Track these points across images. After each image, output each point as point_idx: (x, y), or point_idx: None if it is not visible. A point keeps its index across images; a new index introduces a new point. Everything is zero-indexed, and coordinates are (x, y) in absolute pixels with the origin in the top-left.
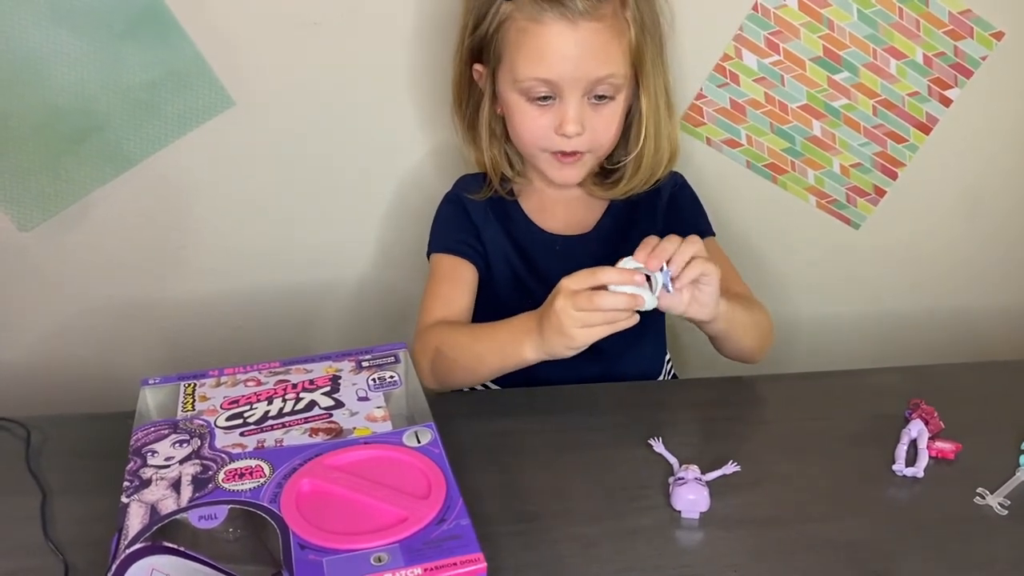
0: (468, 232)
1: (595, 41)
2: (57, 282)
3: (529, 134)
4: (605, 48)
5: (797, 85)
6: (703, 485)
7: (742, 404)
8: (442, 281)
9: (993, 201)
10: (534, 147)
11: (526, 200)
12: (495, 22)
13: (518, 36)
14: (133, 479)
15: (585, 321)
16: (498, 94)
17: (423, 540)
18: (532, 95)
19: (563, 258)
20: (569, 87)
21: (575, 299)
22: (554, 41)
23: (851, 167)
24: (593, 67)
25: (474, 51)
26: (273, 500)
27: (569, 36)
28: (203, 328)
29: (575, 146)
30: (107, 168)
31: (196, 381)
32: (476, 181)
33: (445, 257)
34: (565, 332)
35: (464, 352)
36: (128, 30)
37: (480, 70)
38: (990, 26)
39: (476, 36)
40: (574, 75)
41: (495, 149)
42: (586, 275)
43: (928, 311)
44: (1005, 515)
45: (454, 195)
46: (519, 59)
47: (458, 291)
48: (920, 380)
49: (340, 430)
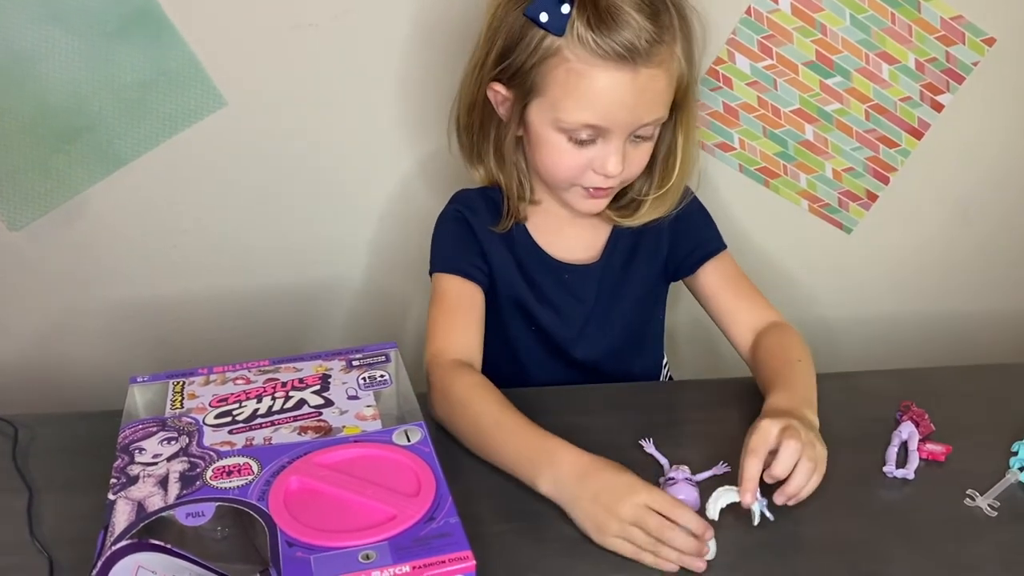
0: (475, 253)
1: (651, 87)
2: (48, 281)
3: (564, 172)
4: (660, 93)
5: (790, 89)
6: (693, 485)
7: (733, 405)
8: (456, 309)
9: (984, 206)
10: (564, 182)
11: (533, 224)
12: (538, 55)
13: (568, 77)
14: (120, 476)
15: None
16: (527, 124)
17: (412, 538)
18: (576, 138)
19: (571, 288)
20: (618, 131)
21: (645, 517)
22: (612, 89)
23: (843, 171)
24: (646, 113)
25: (500, 73)
26: (261, 497)
27: (629, 85)
28: (194, 328)
29: (610, 183)
30: (98, 167)
31: (185, 379)
32: (481, 197)
33: (453, 279)
34: (604, 528)
35: (481, 435)
36: (121, 29)
37: (503, 93)
38: (982, 32)
39: (508, 61)
40: (627, 121)
41: (512, 175)
42: (669, 505)
43: (919, 315)
44: (995, 516)
45: (458, 213)
46: (567, 102)
47: (471, 323)
48: (911, 383)
49: (329, 428)
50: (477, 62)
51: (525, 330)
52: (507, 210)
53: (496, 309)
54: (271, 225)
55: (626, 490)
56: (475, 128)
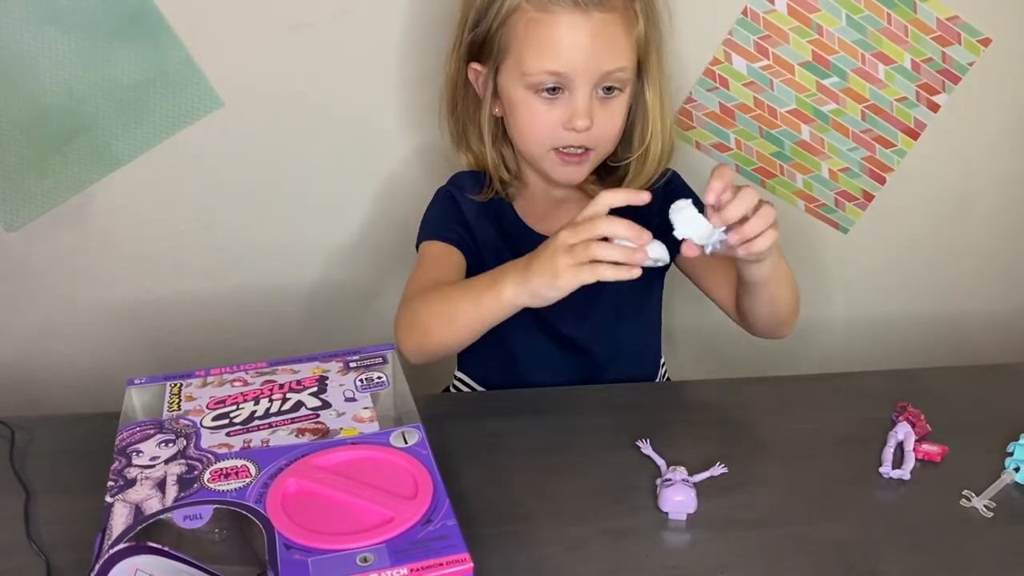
0: (460, 224)
1: (607, 32)
2: (44, 282)
3: (536, 130)
4: (616, 39)
5: (786, 90)
6: (690, 487)
7: (729, 406)
8: (433, 264)
9: (980, 206)
10: (540, 145)
11: (520, 203)
12: (500, 16)
13: (527, 27)
14: (118, 479)
15: (578, 259)
16: (500, 93)
17: (409, 540)
18: (541, 88)
19: None
20: (580, 79)
21: (573, 228)
22: (566, 32)
23: (840, 172)
24: (604, 59)
25: (473, 50)
26: (259, 500)
27: (581, 26)
28: (191, 330)
29: (582, 141)
30: (95, 168)
31: (182, 381)
32: (472, 179)
33: (436, 244)
34: (554, 271)
35: (439, 304)
36: (118, 30)
37: (478, 69)
38: (978, 32)
39: (477, 32)
40: (585, 66)
41: (494, 151)
42: (586, 228)
43: (915, 315)
44: (991, 517)
45: (447, 191)
46: (528, 51)
47: (448, 272)
48: (907, 383)
49: (327, 430)
50: (454, 46)
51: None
52: (488, 182)
53: None
54: (268, 225)
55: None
56: (459, 112)
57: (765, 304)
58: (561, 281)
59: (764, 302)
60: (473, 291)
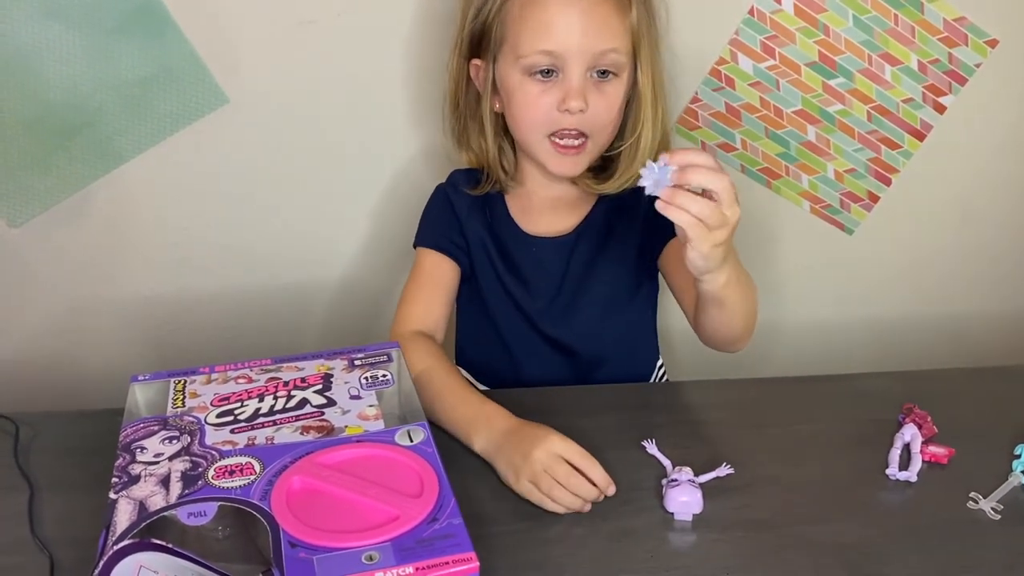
0: (452, 227)
1: (598, 13)
2: (47, 278)
3: (531, 112)
4: (608, 21)
5: (792, 90)
6: (696, 487)
7: (736, 407)
8: (425, 283)
9: (986, 207)
10: (535, 131)
11: (513, 200)
12: (496, 4)
13: (522, 11)
14: (122, 475)
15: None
16: (499, 84)
17: (415, 539)
18: (535, 70)
19: (539, 261)
20: (573, 60)
21: (554, 465)
22: (558, 12)
23: (845, 172)
24: (596, 40)
25: (473, 44)
26: (263, 497)
27: (573, 7)
28: (195, 326)
29: (576, 123)
30: (99, 164)
31: (186, 378)
32: (470, 176)
33: (430, 253)
34: (516, 476)
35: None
36: (122, 26)
37: (478, 65)
38: (984, 34)
39: (475, 25)
40: (578, 47)
41: (494, 146)
42: (579, 455)
43: (921, 316)
44: (998, 519)
45: (441, 188)
46: (522, 34)
47: (437, 297)
48: (913, 385)
49: (332, 428)
50: (456, 44)
51: (503, 302)
52: (486, 177)
53: (478, 283)
54: (273, 222)
55: (543, 439)
56: (461, 109)
57: (716, 320)
58: (517, 486)
59: (714, 319)
60: (455, 413)
